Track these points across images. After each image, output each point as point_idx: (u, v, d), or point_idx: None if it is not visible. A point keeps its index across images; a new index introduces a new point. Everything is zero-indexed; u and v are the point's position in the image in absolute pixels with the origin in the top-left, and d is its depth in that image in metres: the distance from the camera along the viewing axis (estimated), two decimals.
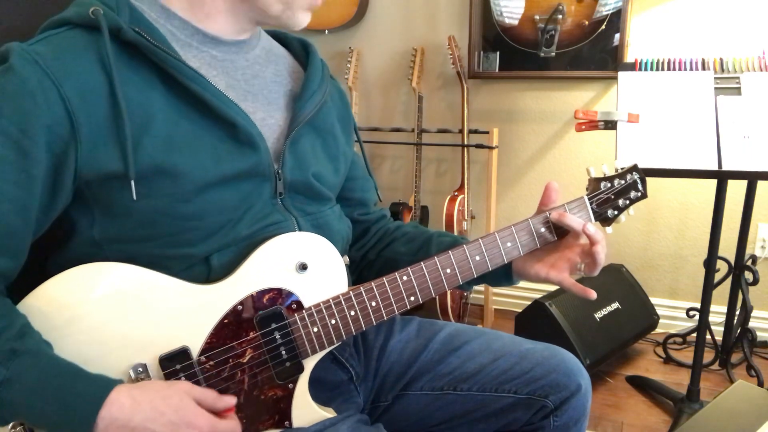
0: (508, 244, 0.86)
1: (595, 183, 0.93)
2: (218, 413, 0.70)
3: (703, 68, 1.48)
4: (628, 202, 0.94)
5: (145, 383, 0.67)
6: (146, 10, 0.74)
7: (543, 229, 0.88)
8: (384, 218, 1.05)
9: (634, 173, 0.95)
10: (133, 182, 0.67)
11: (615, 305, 2.01)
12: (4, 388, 0.60)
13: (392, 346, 0.96)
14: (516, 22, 2.20)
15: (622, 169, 0.95)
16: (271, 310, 0.74)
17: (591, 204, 0.91)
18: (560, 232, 0.89)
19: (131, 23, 0.70)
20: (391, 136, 2.48)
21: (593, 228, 0.84)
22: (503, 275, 0.92)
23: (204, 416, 0.67)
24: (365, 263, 1.00)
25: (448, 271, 0.83)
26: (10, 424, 0.64)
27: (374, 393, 0.95)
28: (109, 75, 0.67)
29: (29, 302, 0.65)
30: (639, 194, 0.95)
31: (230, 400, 0.71)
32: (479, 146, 2.24)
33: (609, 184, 0.93)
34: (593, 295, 0.87)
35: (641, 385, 1.94)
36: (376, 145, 2.57)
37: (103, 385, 0.63)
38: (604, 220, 0.93)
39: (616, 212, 0.93)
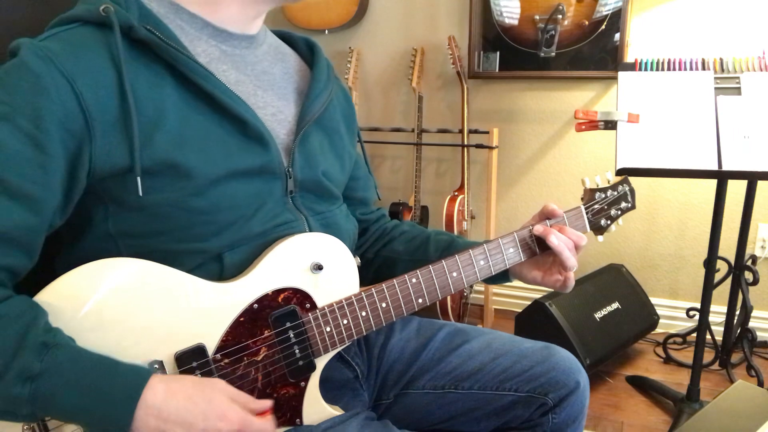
0: (511, 250, 0.89)
1: (590, 193, 0.98)
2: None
3: (703, 68, 1.47)
4: (619, 212, 1.00)
5: (181, 376, 0.67)
6: (155, 6, 0.74)
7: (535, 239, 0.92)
8: (383, 218, 1.06)
9: (624, 185, 1.01)
10: (138, 179, 0.67)
11: (615, 305, 2.01)
12: (38, 382, 0.59)
13: (393, 345, 0.97)
14: (516, 22, 2.20)
15: (614, 180, 1.01)
16: (285, 309, 0.75)
17: (587, 214, 0.96)
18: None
19: (141, 20, 0.70)
20: (391, 136, 2.48)
21: (556, 240, 0.86)
22: (501, 275, 0.94)
23: (236, 410, 0.66)
24: (363, 262, 1.01)
25: (455, 274, 0.85)
26: (23, 425, 0.64)
27: (376, 391, 0.95)
28: (119, 72, 0.67)
29: (44, 297, 0.65)
30: (629, 205, 1.01)
31: (266, 404, 0.71)
32: (479, 146, 2.24)
33: (603, 195, 0.98)
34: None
35: (641, 385, 1.94)
36: (376, 145, 2.57)
37: (142, 374, 0.63)
38: (598, 229, 0.98)
39: (608, 222, 0.99)
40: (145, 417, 0.61)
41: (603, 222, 0.98)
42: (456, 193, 2.26)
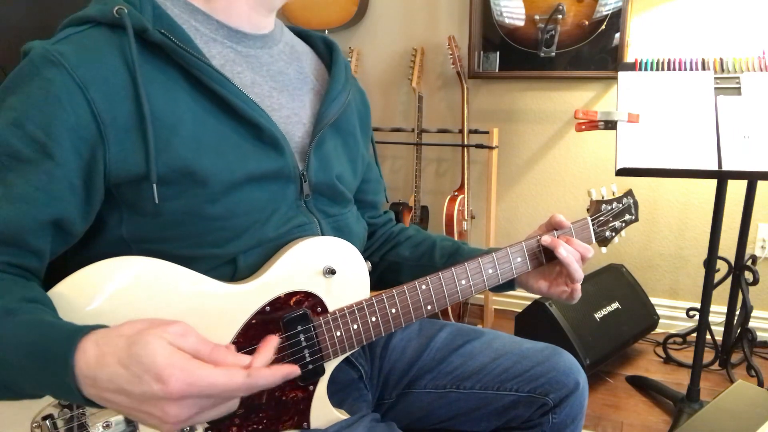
0: (518, 260, 0.89)
1: (596, 205, 0.98)
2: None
3: (703, 68, 1.48)
4: (623, 224, 1.01)
5: (117, 330, 0.55)
6: (169, 5, 0.73)
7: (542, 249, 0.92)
8: (390, 222, 1.06)
9: (629, 197, 1.02)
10: (155, 185, 0.66)
11: (615, 305, 2.01)
12: None
13: (394, 344, 0.97)
14: (521, 23, 2.20)
15: (619, 192, 1.02)
16: (297, 312, 0.74)
17: (593, 225, 0.96)
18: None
19: (155, 22, 0.69)
20: (391, 136, 2.48)
21: (564, 252, 0.86)
22: (506, 283, 0.94)
23: (179, 370, 0.51)
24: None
25: (463, 282, 0.85)
26: (32, 422, 0.63)
27: (379, 391, 0.96)
28: (133, 76, 0.66)
29: (57, 291, 0.65)
30: (632, 217, 1.02)
31: (242, 359, 0.57)
32: (479, 146, 2.24)
33: (609, 207, 0.99)
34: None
35: (641, 385, 1.94)
36: (376, 145, 2.57)
37: (71, 333, 0.55)
38: (602, 241, 0.99)
39: (613, 234, 1.00)
40: (87, 388, 0.54)
41: (608, 234, 0.99)
42: (456, 193, 2.26)
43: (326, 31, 2.44)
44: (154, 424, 0.55)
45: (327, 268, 0.76)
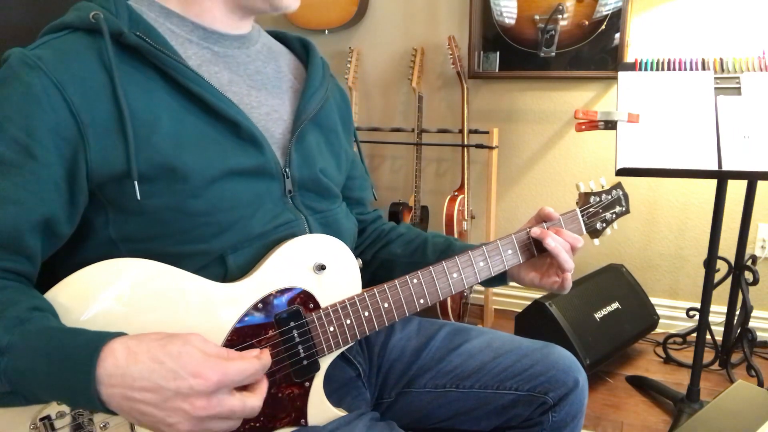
0: (509, 252, 0.90)
1: (584, 197, 0.99)
2: None
3: (703, 68, 1.48)
4: (614, 216, 1.02)
5: (147, 334, 0.60)
6: (145, 10, 0.75)
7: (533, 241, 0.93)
8: (379, 219, 1.06)
9: (618, 189, 1.03)
10: (136, 182, 0.67)
11: (615, 305, 2.01)
12: (8, 355, 0.57)
13: (393, 343, 0.97)
14: (513, 22, 2.20)
15: (608, 185, 1.02)
16: (289, 309, 0.75)
17: (582, 216, 0.97)
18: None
19: (131, 25, 0.70)
20: (391, 136, 2.48)
21: (553, 243, 0.87)
22: (498, 277, 0.95)
23: (212, 364, 0.58)
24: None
25: (455, 275, 0.86)
26: (30, 423, 0.63)
27: (378, 390, 0.96)
28: (111, 77, 0.67)
29: (51, 296, 0.65)
30: (623, 209, 1.03)
31: (252, 354, 0.65)
32: (479, 146, 2.24)
33: (598, 199, 0.99)
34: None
35: (641, 385, 1.94)
36: (376, 145, 2.57)
37: (97, 337, 0.58)
38: (593, 232, 1.00)
39: (604, 225, 1.01)
40: (110, 388, 0.56)
41: (598, 225, 1.00)
42: (456, 193, 2.26)
43: (326, 31, 2.44)
44: (175, 422, 0.57)
45: (317, 264, 0.77)
